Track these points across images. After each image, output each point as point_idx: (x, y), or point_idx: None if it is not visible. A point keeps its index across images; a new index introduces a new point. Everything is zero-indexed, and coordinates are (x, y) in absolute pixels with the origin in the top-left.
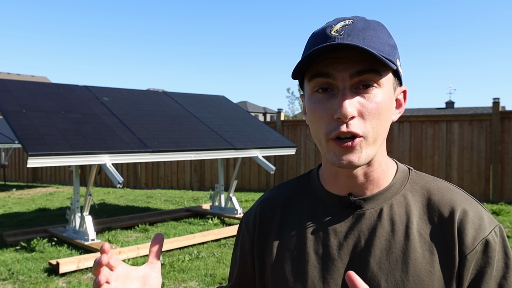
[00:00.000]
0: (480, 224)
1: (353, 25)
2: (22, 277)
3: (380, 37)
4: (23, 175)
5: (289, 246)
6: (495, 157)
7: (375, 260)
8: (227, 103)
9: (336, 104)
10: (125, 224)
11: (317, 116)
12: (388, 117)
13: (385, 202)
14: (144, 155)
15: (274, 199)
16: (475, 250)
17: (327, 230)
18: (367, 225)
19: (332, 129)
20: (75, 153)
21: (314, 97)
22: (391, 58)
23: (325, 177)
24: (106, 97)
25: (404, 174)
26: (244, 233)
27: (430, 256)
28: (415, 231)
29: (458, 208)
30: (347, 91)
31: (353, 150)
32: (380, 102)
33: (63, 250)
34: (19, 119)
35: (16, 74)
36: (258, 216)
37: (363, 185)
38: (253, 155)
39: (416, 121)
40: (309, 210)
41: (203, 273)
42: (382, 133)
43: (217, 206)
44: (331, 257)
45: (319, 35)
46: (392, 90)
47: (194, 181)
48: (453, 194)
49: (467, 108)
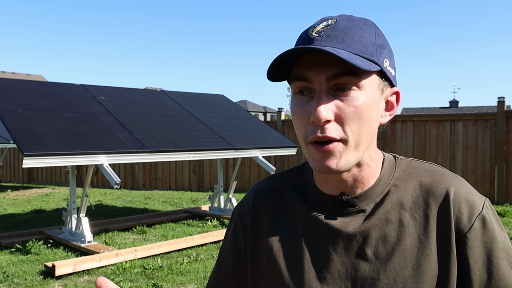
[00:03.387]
0: (473, 200)
1: (335, 25)
2: (17, 280)
3: (364, 36)
4: (18, 176)
5: (283, 241)
6: (500, 158)
7: (372, 250)
8: (227, 102)
9: (312, 108)
10: (122, 225)
11: (297, 119)
12: (372, 120)
13: (378, 195)
14: (141, 155)
15: (268, 189)
16: (474, 227)
17: (321, 225)
18: (361, 219)
19: (309, 133)
20: (71, 153)
21: (295, 99)
22: (374, 59)
23: (316, 176)
24: (103, 96)
25: (391, 163)
26: (238, 225)
27: (426, 240)
28: (408, 216)
29: (450, 187)
30: (322, 95)
31: (330, 156)
32: (359, 105)
33: (59, 252)
34: (14, 118)
35: (11, 73)
36: (251, 206)
37: (353, 185)
38: (253, 155)
39: (419, 120)
40: (302, 204)
41: (202, 275)
42: (365, 137)
43: (216, 207)
44: (327, 251)
45: (302, 36)
46: (376, 91)
47: (193, 182)
48: (442, 174)
49: (471, 107)
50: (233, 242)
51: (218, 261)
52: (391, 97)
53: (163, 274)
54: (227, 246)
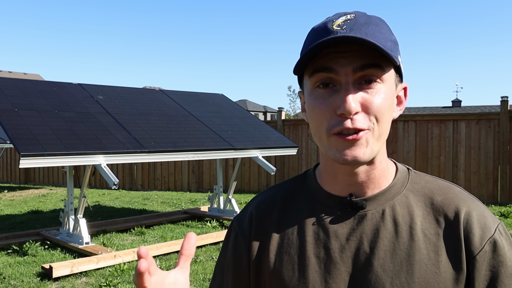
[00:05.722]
0: (485, 223)
1: (355, 19)
2: (14, 281)
3: (382, 32)
4: (15, 176)
5: (288, 250)
6: (503, 158)
7: (379, 262)
8: (226, 102)
9: (339, 100)
10: (120, 227)
11: (318, 112)
12: (391, 114)
13: (387, 202)
14: (140, 156)
15: (270, 201)
16: (484, 250)
17: (328, 233)
18: (369, 227)
19: (334, 124)
20: (68, 154)
21: (315, 93)
22: (393, 54)
23: (323, 177)
24: (101, 95)
25: (404, 174)
26: (239, 237)
27: (435, 257)
28: (419, 232)
29: (462, 207)
30: (350, 86)
31: (358, 144)
32: (383, 98)
33: (56, 254)
34: (11, 118)
35: (7, 72)
36: (255, 218)
37: (364, 184)
38: (253, 155)
39: (421, 120)
40: (308, 212)
41: (201, 277)
42: (386, 129)
43: (216, 208)
44: (333, 260)
45: (320, 30)
46: (394, 86)
47: (192, 183)
48: (455, 194)
49: (474, 106)
50: (234, 255)
51: (219, 275)
52: (401, 92)
53: None
54: (228, 260)
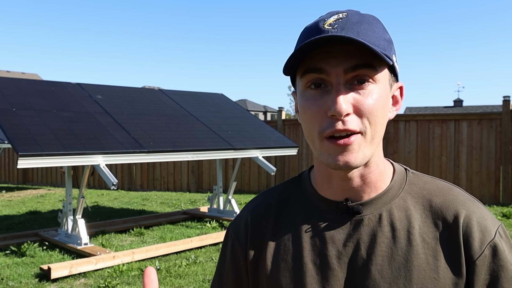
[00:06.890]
0: (486, 226)
1: (347, 18)
2: (12, 282)
3: (375, 31)
4: (13, 177)
5: (285, 257)
6: (505, 158)
7: (377, 268)
8: (226, 101)
9: (330, 101)
10: (119, 227)
11: (310, 114)
12: (385, 115)
13: (384, 206)
14: (139, 156)
15: (265, 206)
16: (484, 254)
17: (325, 238)
18: (366, 232)
19: (326, 126)
20: (67, 154)
21: (306, 94)
22: (387, 53)
23: (318, 181)
24: (100, 95)
25: (401, 176)
26: (235, 245)
27: (434, 262)
28: (417, 236)
29: (461, 210)
30: (341, 87)
31: (349, 150)
32: (376, 99)
33: (54, 255)
34: (9, 118)
35: (5, 71)
36: (250, 225)
37: (359, 189)
38: (253, 155)
39: (423, 120)
40: (304, 218)
41: (200, 278)
42: (379, 131)
43: (216, 209)
44: (330, 266)
45: (312, 29)
46: (388, 86)
47: (192, 183)
48: (455, 195)
49: (476, 106)
50: (232, 263)
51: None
52: (396, 92)
53: (161, 277)
54: (226, 268)
